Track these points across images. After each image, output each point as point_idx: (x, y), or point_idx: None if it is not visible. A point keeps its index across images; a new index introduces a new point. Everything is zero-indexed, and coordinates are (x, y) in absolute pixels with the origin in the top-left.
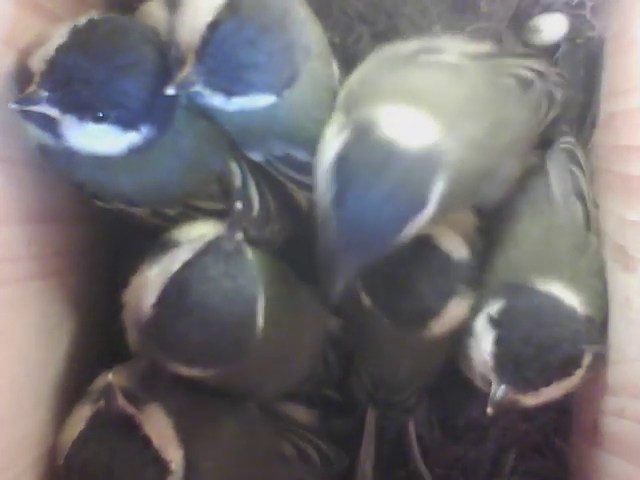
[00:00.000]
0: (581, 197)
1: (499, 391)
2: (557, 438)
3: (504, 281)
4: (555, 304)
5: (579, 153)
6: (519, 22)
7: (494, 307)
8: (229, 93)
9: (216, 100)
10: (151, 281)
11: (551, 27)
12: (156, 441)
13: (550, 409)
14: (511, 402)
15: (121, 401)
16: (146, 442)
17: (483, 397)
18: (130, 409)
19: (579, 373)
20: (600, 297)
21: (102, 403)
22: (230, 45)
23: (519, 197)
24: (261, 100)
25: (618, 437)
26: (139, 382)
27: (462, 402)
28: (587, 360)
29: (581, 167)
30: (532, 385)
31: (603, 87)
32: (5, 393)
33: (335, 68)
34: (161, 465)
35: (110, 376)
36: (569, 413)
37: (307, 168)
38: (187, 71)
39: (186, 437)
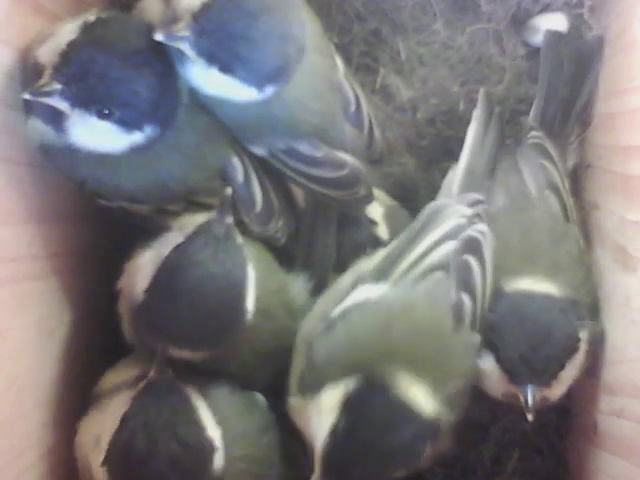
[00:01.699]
0: (555, 189)
1: (529, 396)
2: (557, 438)
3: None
4: (529, 297)
5: (549, 146)
6: (519, 22)
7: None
8: (212, 60)
9: (197, 70)
10: (144, 266)
11: (551, 27)
12: (202, 416)
13: (550, 409)
14: (543, 401)
15: (170, 372)
16: (194, 415)
17: (483, 397)
18: (178, 382)
19: (583, 347)
20: (584, 281)
21: (152, 374)
22: (229, 12)
23: (501, 194)
24: (241, 92)
25: (617, 437)
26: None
27: None
28: (584, 334)
29: (552, 160)
30: (549, 374)
31: (601, 87)
32: (5, 393)
33: (339, 62)
34: (208, 440)
35: (160, 347)
36: (569, 413)
37: (313, 161)
38: (181, 25)
39: (219, 422)
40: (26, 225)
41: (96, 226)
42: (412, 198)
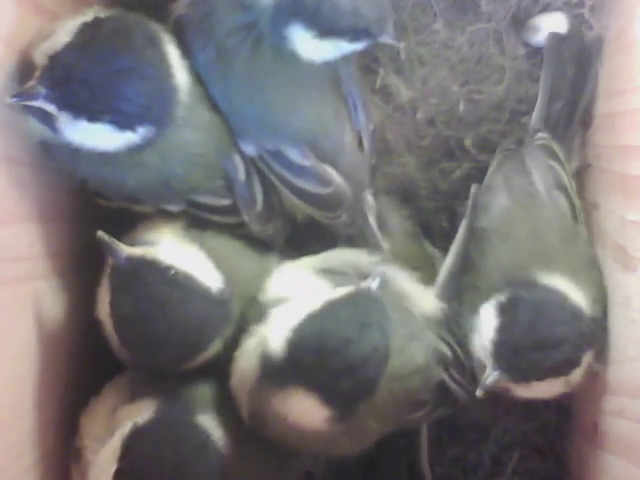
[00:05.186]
0: (564, 190)
1: (491, 376)
2: (557, 438)
3: (505, 278)
4: (562, 301)
5: (556, 148)
6: (519, 22)
7: (502, 296)
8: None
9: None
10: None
11: (551, 26)
12: None
13: (550, 409)
14: (502, 389)
15: None
16: None
17: (484, 398)
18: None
19: (577, 372)
20: (597, 286)
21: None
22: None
23: (504, 196)
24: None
25: (618, 437)
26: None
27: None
28: (586, 360)
29: (560, 161)
30: (525, 376)
31: (601, 87)
32: (5, 393)
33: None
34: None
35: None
36: (569, 413)
37: (299, 170)
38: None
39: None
40: (27, 225)
41: (96, 226)
42: (412, 198)
